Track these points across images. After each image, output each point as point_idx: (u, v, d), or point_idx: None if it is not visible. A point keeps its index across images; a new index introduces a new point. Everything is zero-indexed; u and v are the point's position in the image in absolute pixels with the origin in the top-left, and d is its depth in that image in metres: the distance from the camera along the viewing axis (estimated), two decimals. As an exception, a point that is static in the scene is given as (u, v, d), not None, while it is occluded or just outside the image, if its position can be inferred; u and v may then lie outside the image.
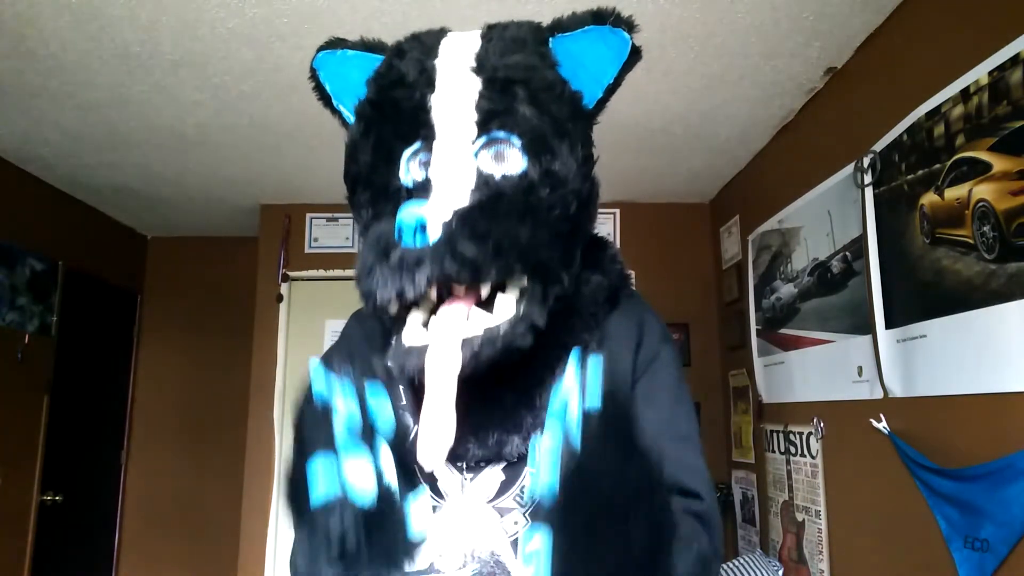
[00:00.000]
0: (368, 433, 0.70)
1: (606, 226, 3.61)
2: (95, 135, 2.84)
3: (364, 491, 0.68)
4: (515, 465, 0.87)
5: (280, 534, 3.42)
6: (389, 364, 0.84)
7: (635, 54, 0.90)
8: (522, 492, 0.87)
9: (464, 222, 0.78)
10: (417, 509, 0.72)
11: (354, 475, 0.68)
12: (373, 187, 0.90)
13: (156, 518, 4.09)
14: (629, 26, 0.89)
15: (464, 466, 0.88)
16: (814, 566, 2.40)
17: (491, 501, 0.87)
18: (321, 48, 0.99)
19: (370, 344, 0.99)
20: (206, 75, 2.35)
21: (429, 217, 0.77)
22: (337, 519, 0.66)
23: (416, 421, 0.89)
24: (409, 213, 0.77)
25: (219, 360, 4.12)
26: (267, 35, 2.11)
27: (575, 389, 0.65)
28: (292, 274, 3.63)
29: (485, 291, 0.80)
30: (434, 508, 0.88)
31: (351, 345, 1.03)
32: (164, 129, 2.77)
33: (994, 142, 1.53)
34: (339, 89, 0.98)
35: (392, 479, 0.71)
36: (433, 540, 0.86)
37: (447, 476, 0.89)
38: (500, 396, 0.87)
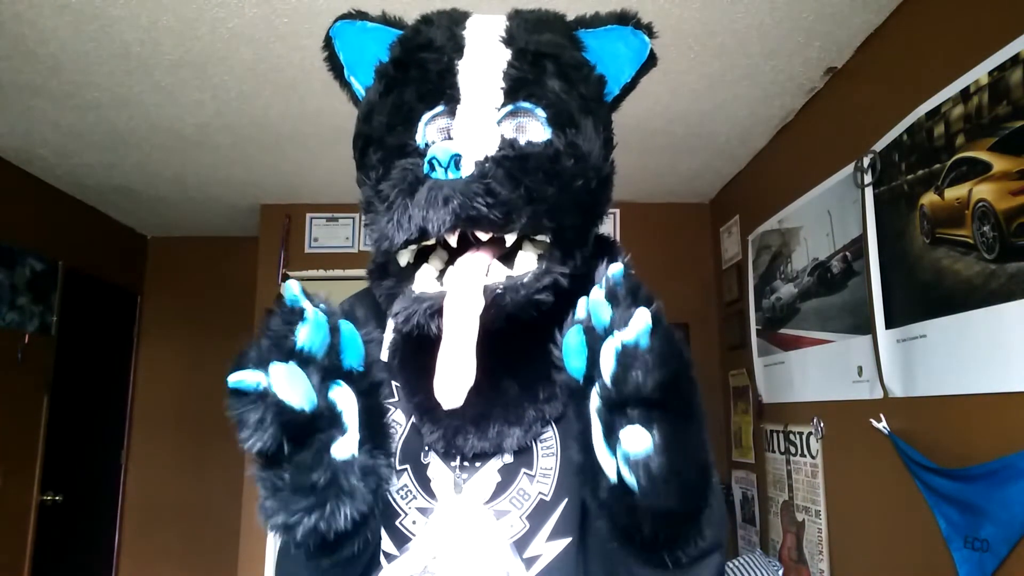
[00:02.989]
0: (330, 362, 0.64)
1: (606, 226, 3.61)
2: (95, 135, 2.84)
3: (294, 399, 0.60)
4: (510, 467, 0.84)
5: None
6: (396, 313, 0.79)
7: (652, 59, 0.91)
8: (519, 495, 0.84)
9: (499, 164, 0.76)
10: (339, 447, 0.64)
11: (285, 381, 0.60)
12: (386, 147, 0.86)
13: (156, 518, 4.09)
14: (649, 31, 0.91)
15: (458, 464, 0.85)
16: (814, 566, 2.40)
17: (487, 503, 0.84)
18: (340, 17, 0.96)
19: (365, 329, 0.97)
20: (206, 75, 2.35)
21: (465, 151, 0.74)
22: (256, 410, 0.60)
23: (409, 417, 0.87)
24: (442, 147, 0.74)
25: (219, 360, 4.06)
26: (267, 35, 2.11)
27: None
28: (292, 274, 3.63)
29: (511, 240, 0.77)
30: (426, 510, 0.85)
31: (352, 316, 0.99)
32: (164, 129, 2.77)
33: (994, 142, 1.53)
34: (353, 60, 0.95)
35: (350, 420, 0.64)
36: (426, 542, 0.83)
37: (440, 476, 0.85)
38: (503, 387, 0.84)
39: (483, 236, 0.76)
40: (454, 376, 0.71)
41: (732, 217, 3.32)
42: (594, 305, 0.62)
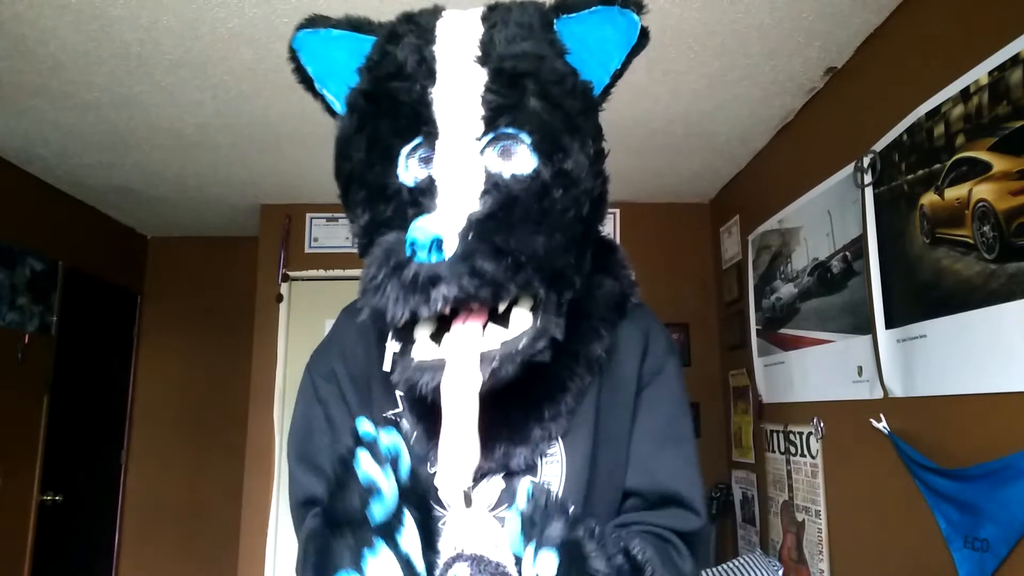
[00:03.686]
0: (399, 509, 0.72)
1: (606, 226, 3.60)
2: (95, 135, 2.84)
3: None
4: (516, 473, 0.84)
5: (280, 534, 3.42)
6: (397, 380, 0.80)
7: (644, 37, 0.85)
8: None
9: (482, 236, 0.74)
10: None
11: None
12: (368, 186, 0.84)
13: (156, 518, 4.09)
14: (638, 7, 0.84)
15: None
16: (814, 566, 2.40)
17: (492, 510, 0.84)
18: (300, 26, 0.89)
19: (365, 344, 0.96)
20: (206, 75, 2.35)
21: (445, 233, 0.73)
22: None
23: (415, 428, 0.87)
24: (423, 229, 0.73)
25: (219, 360, 4.12)
26: (267, 35, 2.11)
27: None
28: (292, 274, 3.63)
29: (502, 307, 0.77)
30: (437, 518, 0.85)
31: (344, 345, 0.98)
32: (164, 129, 2.77)
33: (994, 142, 1.53)
34: (322, 72, 0.90)
35: (418, 562, 0.72)
36: (439, 551, 0.83)
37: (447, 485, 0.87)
38: (508, 409, 0.83)
39: (472, 305, 0.76)
40: (458, 462, 0.73)
41: (732, 217, 3.32)
42: (511, 539, 0.71)
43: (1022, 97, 1.45)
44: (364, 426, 0.72)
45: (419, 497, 0.76)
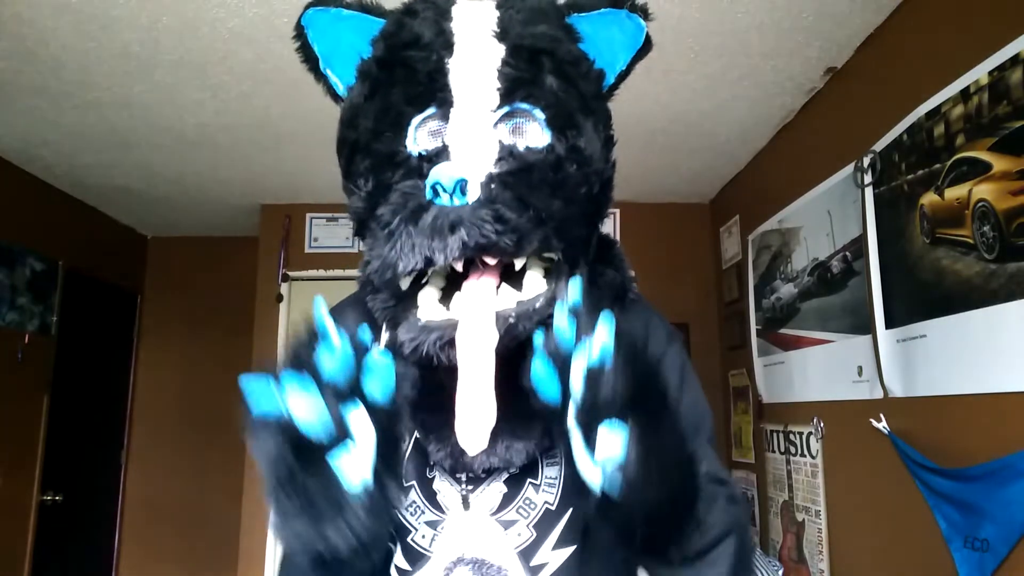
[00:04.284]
0: (351, 387, 0.63)
1: (606, 226, 3.61)
2: (95, 135, 2.84)
3: (307, 422, 0.60)
4: (517, 477, 0.84)
5: (280, 534, 3.41)
6: (402, 340, 0.75)
7: (647, 44, 0.86)
8: (525, 504, 0.84)
9: (506, 186, 0.71)
10: (349, 463, 0.62)
11: (302, 405, 0.60)
12: (374, 155, 0.80)
13: (156, 518, 4.09)
14: (645, 14, 0.86)
15: (465, 477, 0.84)
16: (814, 566, 2.40)
17: (494, 514, 0.83)
18: (311, 4, 0.88)
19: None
20: (206, 75, 2.35)
21: (470, 176, 0.70)
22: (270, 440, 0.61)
23: (413, 431, 0.85)
24: (446, 171, 0.70)
25: (219, 360, 4.12)
26: (267, 35, 2.11)
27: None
28: (292, 274, 3.63)
29: (520, 263, 0.74)
30: (435, 523, 0.84)
31: (345, 323, 0.97)
32: (164, 129, 2.77)
33: (994, 142, 1.53)
34: (329, 51, 0.88)
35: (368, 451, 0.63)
36: (441, 555, 0.83)
37: (447, 490, 0.85)
38: (510, 402, 0.80)
39: (491, 261, 0.73)
40: (476, 420, 0.69)
41: (732, 217, 3.32)
42: (558, 329, 0.65)
43: (1022, 97, 1.45)
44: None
45: (389, 423, 0.67)
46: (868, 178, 2.02)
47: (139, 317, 4.28)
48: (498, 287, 0.75)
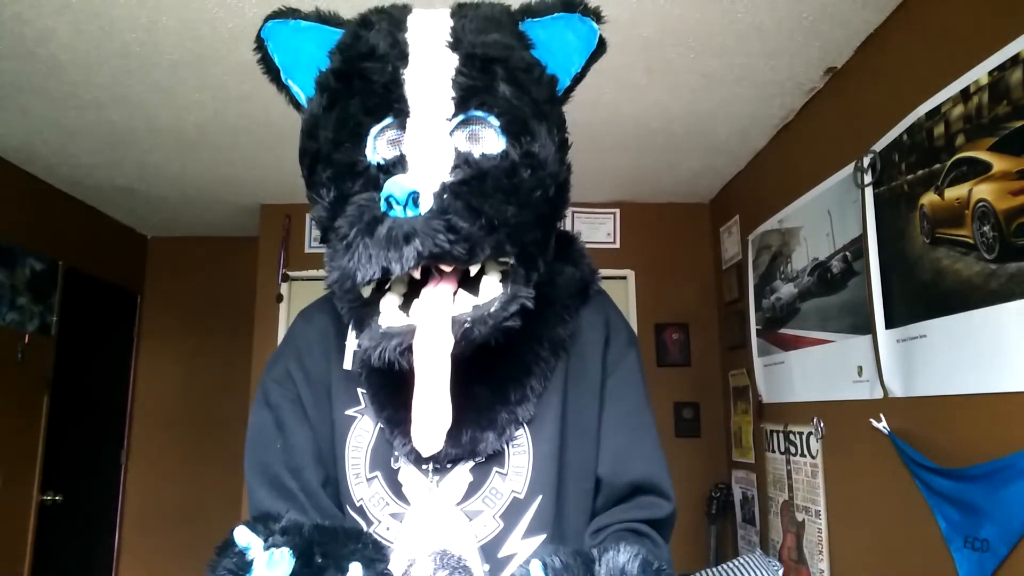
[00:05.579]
0: None
1: (606, 226, 3.61)
2: (95, 135, 2.84)
3: None
4: (482, 466, 0.84)
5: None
6: (365, 347, 0.79)
7: (601, 46, 0.89)
8: (491, 494, 0.84)
9: (457, 196, 0.74)
10: None
11: None
12: (335, 165, 0.83)
13: (156, 518, 4.09)
14: (597, 16, 0.88)
15: (430, 468, 0.85)
16: (814, 566, 2.40)
17: (460, 504, 0.84)
18: (270, 17, 0.91)
19: (323, 344, 0.95)
20: (206, 75, 2.35)
21: (422, 188, 0.73)
22: None
23: (376, 423, 0.87)
24: (398, 184, 0.73)
25: (219, 360, 4.12)
26: (267, 35, 2.11)
27: None
28: (292, 274, 3.63)
29: (475, 270, 0.78)
30: (399, 515, 0.84)
31: (300, 346, 0.97)
32: (164, 129, 2.77)
33: (994, 142, 1.53)
34: (289, 63, 0.91)
35: None
36: (402, 547, 0.82)
37: (412, 479, 0.85)
38: (474, 392, 0.84)
39: (447, 268, 0.76)
40: (431, 423, 0.72)
41: (732, 217, 3.32)
42: None
43: (1022, 97, 1.45)
44: (241, 537, 0.69)
45: None
46: (868, 178, 2.02)
47: (139, 317, 4.28)
48: (455, 293, 0.78)
